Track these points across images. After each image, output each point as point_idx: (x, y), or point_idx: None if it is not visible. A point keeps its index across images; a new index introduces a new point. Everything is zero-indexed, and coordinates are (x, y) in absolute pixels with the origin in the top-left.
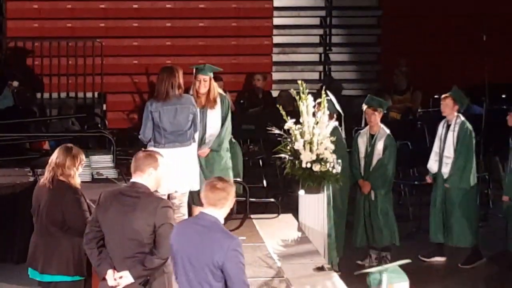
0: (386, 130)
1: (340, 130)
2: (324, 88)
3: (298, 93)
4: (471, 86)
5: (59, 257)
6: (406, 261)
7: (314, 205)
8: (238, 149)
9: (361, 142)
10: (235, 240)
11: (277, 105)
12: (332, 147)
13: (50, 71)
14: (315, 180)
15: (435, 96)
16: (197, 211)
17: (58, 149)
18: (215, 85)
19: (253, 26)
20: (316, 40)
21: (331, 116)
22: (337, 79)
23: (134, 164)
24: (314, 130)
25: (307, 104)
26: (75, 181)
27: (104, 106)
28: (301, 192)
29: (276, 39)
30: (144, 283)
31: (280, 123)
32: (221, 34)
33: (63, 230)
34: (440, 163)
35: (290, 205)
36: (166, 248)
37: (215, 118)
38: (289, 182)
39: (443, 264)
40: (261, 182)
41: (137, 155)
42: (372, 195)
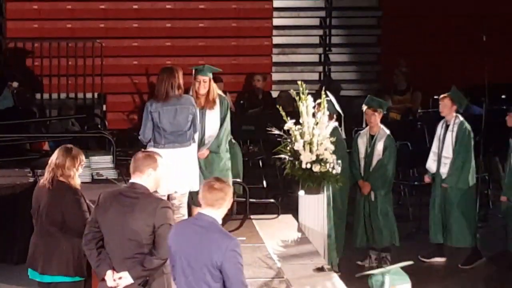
0: (386, 131)
1: (340, 131)
2: (324, 89)
3: (298, 94)
4: (471, 86)
5: (59, 258)
6: (408, 263)
7: (314, 206)
8: (238, 150)
9: (361, 143)
10: (234, 241)
11: (277, 106)
12: (332, 148)
13: (50, 72)
14: (315, 181)
15: (435, 97)
16: (197, 212)
17: (58, 150)
18: (215, 86)
19: (253, 27)
20: (316, 41)
21: (331, 117)
22: (336, 80)
23: (133, 165)
24: (314, 131)
25: (307, 105)
26: (75, 182)
27: (104, 107)
28: (301, 193)
29: (276, 40)
30: (144, 284)
31: (280, 124)
32: (221, 35)
33: (63, 231)
34: (439, 163)
35: (290, 206)
36: (166, 249)
37: (214, 119)
38: (289, 183)
39: (443, 265)
40: (261, 183)
41: (136, 156)
42: (372, 196)
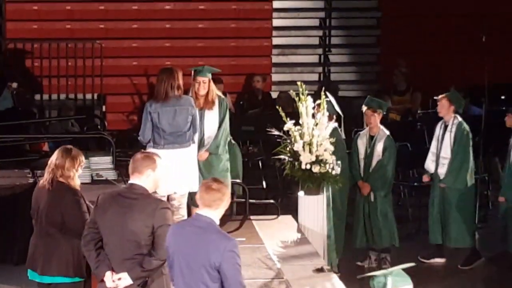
0: (386, 132)
1: (340, 131)
2: (324, 90)
3: (298, 95)
4: (471, 87)
5: (59, 259)
6: (411, 265)
7: (314, 207)
8: (238, 151)
9: (361, 144)
10: (232, 241)
11: (277, 107)
12: (332, 149)
13: (50, 73)
14: (315, 182)
15: (435, 97)
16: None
17: (58, 151)
18: (214, 87)
19: (253, 28)
20: (316, 42)
21: (331, 118)
22: (334, 81)
23: (132, 166)
24: (314, 132)
25: (307, 106)
26: (75, 183)
27: (104, 108)
28: (301, 194)
29: (276, 41)
30: (143, 285)
31: (280, 125)
32: (221, 36)
33: (63, 232)
34: (437, 164)
35: (290, 207)
36: (165, 250)
37: (213, 119)
38: (289, 184)
39: (443, 265)
40: (261, 184)
41: (135, 157)
42: (372, 197)
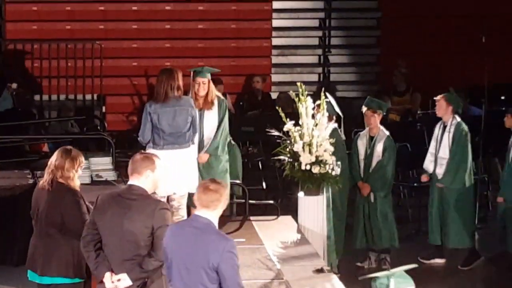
0: (386, 132)
1: (340, 132)
2: (323, 90)
3: (297, 95)
4: (471, 87)
5: (59, 259)
6: (413, 266)
7: (314, 207)
8: (238, 151)
9: (361, 144)
10: (230, 242)
11: (276, 107)
12: (332, 149)
13: (50, 73)
14: (315, 182)
15: (435, 98)
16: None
17: (57, 151)
18: (213, 87)
19: (252, 28)
20: (315, 42)
21: (330, 118)
22: (333, 81)
23: (131, 167)
24: (314, 132)
25: (306, 106)
26: (75, 183)
27: (104, 108)
28: (301, 194)
29: (275, 41)
30: (142, 286)
31: (280, 125)
32: (220, 36)
33: (63, 232)
34: (436, 164)
35: (290, 207)
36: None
37: (212, 120)
38: (289, 184)
39: (443, 266)
40: (261, 184)
41: (134, 158)
42: (372, 197)
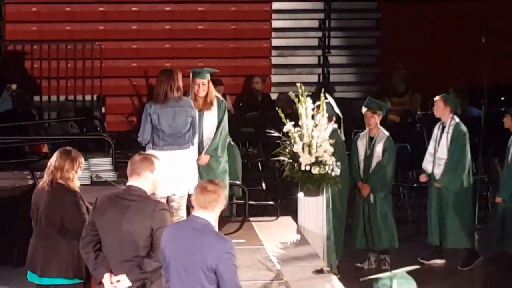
0: (386, 133)
1: (339, 133)
2: (323, 91)
3: (297, 96)
4: (471, 88)
5: (58, 260)
6: (415, 267)
7: (313, 208)
8: (237, 152)
9: (361, 145)
10: (228, 243)
11: (276, 108)
12: (331, 150)
13: (49, 74)
14: (314, 183)
15: (434, 98)
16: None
17: (57, 152)
18: (213, 88)
19: (252, 29)
20: (315, 43)
21: (330, 119)
22: (333, 82)
23: (130, 168)
24: (313, 133)
25: (306, 107)
26: (74, 184)
27: (103, 109)
28: (300, 195)
29: (275, 42)
30: (141, 287)
31: (279, 126)
32: (220, 37)
33: (62, 233)
34: (434, 164)
35: (289, 208)
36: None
37: (212, 121)
38: (288, 185)
39: (443, 266)
40: (260, 185)
41: (133, 159)
42: (371, 198)
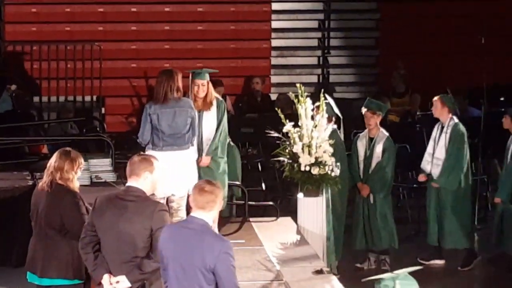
0: (385, 133)
1: (339, 133)
2: (323, 91)
3: (297, 96)
4: (471, 88)
5: (58, 261)
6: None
7: (313, 208)
8: (237, 152)
9: (360, 145)
10: (226, 243)
11: (276, 108)
12: (331, 150)
13: (49, 75)
14: (314, 183)
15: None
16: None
17: (57, 153)
18: (212, 88)
19: (252, 30)
20: (315, 43)
21: (330, 119)
22: (332, 83)
23: (130, 168)
24: (313, 133)
25: (306, 107)
26: (74, 185)
27: (103, 110)
28: (300, 195)
29: (275, 42)
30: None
31: (279, 126)
32: (220, 38)
33: (62, 234)
34: (432, 164)
35: (289, 208)
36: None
37: (211, 121)
38: (288, 185)
39: (442, 267)
40: (260, 185)
41: (132, 159)
42: (371, 198)
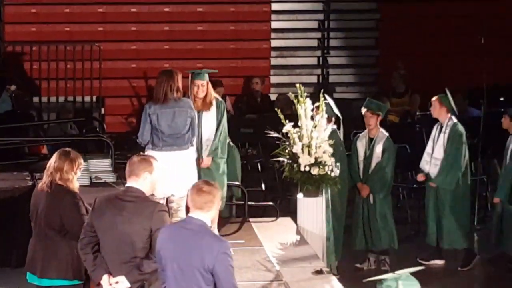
0: (385, 133)
1: (339, 133)
2: (322, 92)
3: (296, 97)
4: (470, 88)
5: (58, 261)
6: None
7: (313, 209)
8: (237, 153)
9: (360, 145)
10: (224, 243)
11: (276, 109)
12: (331, 150)
13: (48, 75)
14: (314, 184)
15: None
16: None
17: (56, 153)
18: (211, 89)
19: (251, 30)
20: (314, 44)
21: (329, 120)
22: (332, 83)
23: (129, 169)
24: (313, 134)
25: (306, 108)
26: (74, 185)
27: (103, 110)
28: (300, 196)
29: (274, 43)
30: None
31: (279, 127)
32: (219, 38)
33: (62, 234)
34: (430, 164)
35: (289, 209)
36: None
37: (210, 121)
38: (288, 186)
39: (442, 267)
40: (260, 186)
41: (132, 160)
42: (371, 199)
